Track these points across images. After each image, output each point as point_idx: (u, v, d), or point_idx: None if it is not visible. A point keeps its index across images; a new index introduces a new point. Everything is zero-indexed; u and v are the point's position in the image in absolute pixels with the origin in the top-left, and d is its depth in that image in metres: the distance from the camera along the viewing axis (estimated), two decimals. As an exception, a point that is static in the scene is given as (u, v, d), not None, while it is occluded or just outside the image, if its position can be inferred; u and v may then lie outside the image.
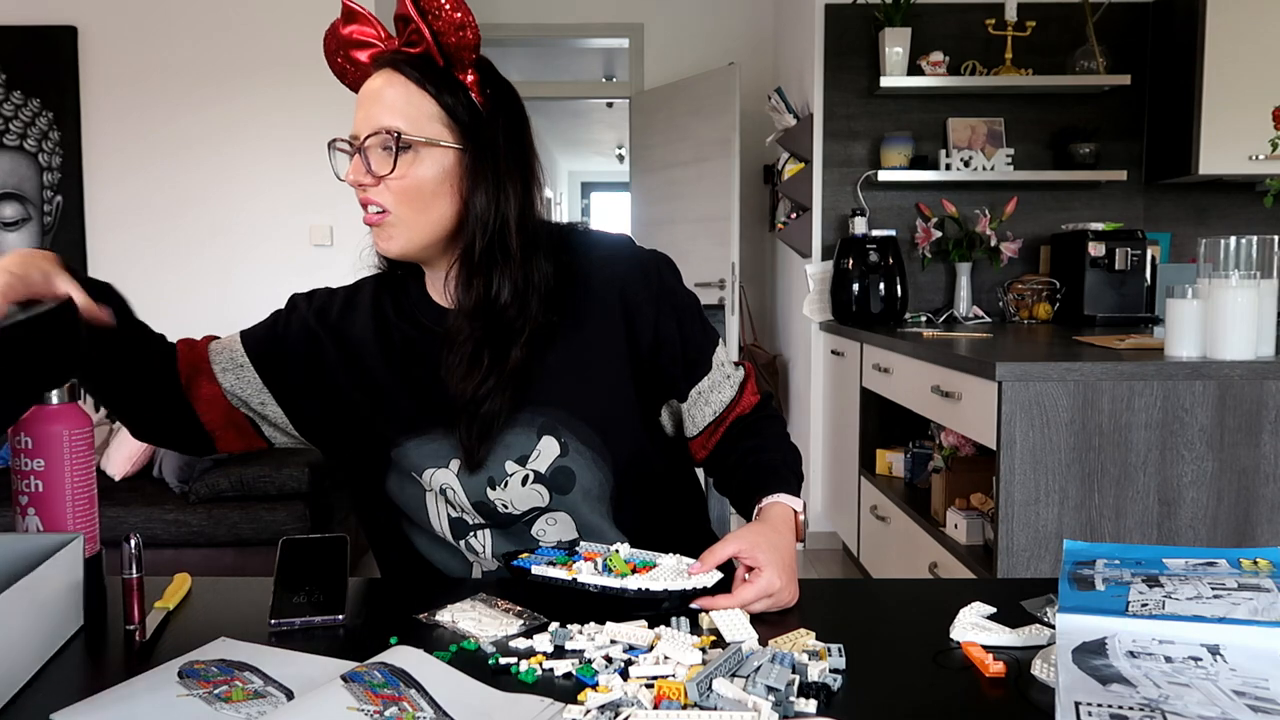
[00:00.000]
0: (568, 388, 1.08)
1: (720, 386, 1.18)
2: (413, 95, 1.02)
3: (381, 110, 1.02)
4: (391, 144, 1.01)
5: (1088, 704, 0.64)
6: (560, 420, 1.07)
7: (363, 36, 1.06)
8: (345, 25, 1.07)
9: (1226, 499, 2.06)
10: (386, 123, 1.01)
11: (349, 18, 1.07)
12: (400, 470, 1.10)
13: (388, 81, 1.02)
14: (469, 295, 1.05)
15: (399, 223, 1.04)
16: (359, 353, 1.12)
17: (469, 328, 1.05)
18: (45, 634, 0.83)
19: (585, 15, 4.83)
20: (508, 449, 1.07)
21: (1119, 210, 3.71)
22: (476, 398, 1.04)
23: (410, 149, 1.02)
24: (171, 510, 3.01)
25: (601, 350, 1.10)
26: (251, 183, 3.78)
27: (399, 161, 1.01)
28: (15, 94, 3.72)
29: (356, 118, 1.04)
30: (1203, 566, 0.83)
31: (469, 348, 1.04)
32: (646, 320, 1.11)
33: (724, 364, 1.19)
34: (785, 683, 0.74)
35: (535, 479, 1.07)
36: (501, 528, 1.10)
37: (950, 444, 2.82)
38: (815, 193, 3.75)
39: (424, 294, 1.13)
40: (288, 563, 1.00)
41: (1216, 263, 2.03)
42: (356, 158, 1.03)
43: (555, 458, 1.07)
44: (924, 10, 3.60)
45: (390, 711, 0.71)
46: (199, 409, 1.13)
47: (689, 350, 1.14)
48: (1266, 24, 3.28)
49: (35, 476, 0.93)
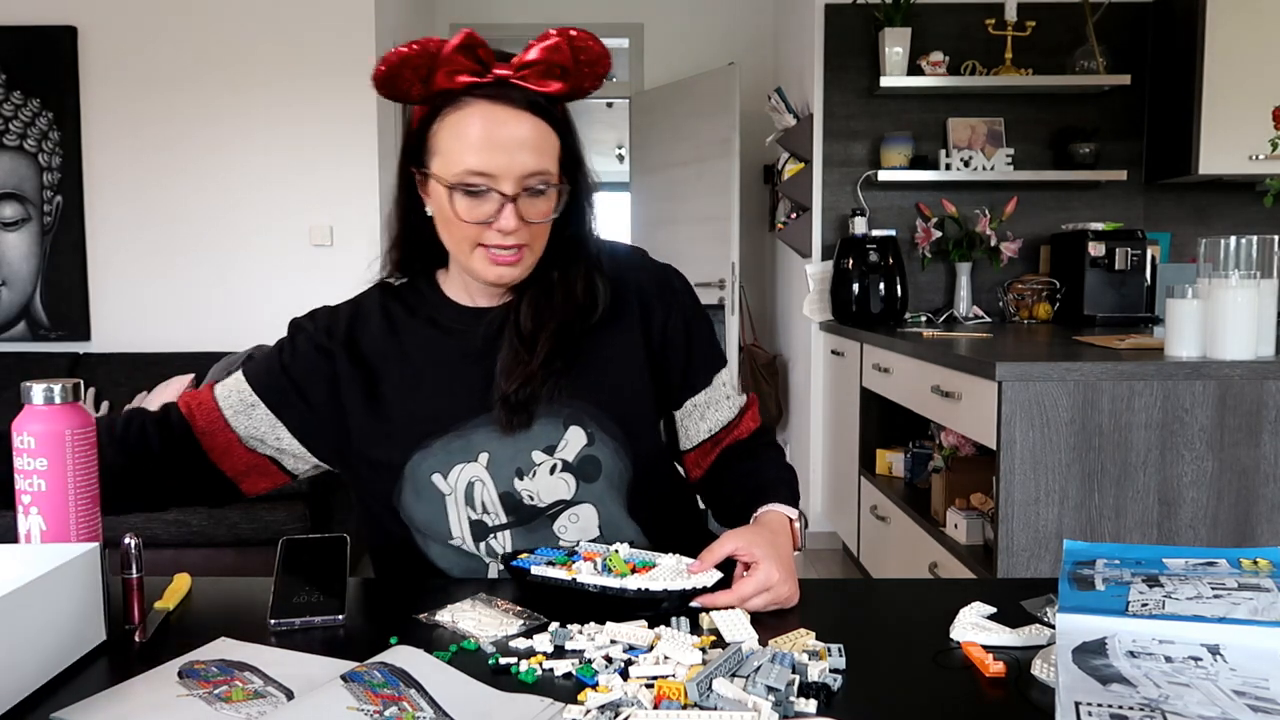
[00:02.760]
0: (592, 382, 1.12)
1: (718, 405, 1.21)
2: (550, 137, 1.06)
3: (530, 156, 1.04)
4: (538, 187, 1.05)
5: (1088, 704, 0.64)
6: (585, 412, 1.11)
7: (468, 64, 1.03)
8: (459, 51, 1.02)
9: (1226, 499, 2.06)
10: (535, 168, 1.04)
11: (468, 46, 1.03)
12: (416, 482, 1.10)
13: (532, 126, 1.04)
14: (548, 294, 1.11)
15: (530, 254, 1.09)
16: (373, 364, 1.14)
17: (535, 323, 1.10)
18: (56, 642, 0.83)
19: (585, 15, 4.83)
20: (535, 439, 1.09)
21: (1119, 210, 3.71)
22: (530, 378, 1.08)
23: (549, 188, 1.06)
24: (171, 510, 3.01)
25: (622, 348, 1.15)
26: (251, 183, 3.78)
27: (540, 201, 1.06)
28: (15, 94, 3.72)
29: (493, 159, 1.02)
30: (1203, 566, 0.83)
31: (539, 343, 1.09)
32: (658, 321, 1.17)
33: (725, 385, 1.22)
34: (785, 683, 0.74)
35: (563, 468, 1.10)
36: (524, 524, 1.11)
37: (950, 444, 2.82)
38: (815, 193, 3.75)
39: (439, 294, 1.17)
40: (288, 563, 1.00)
41: (1216, 263, 2.03)
42: (509, 205, 1.03)
43: (582, 447, 1.10)
44: (924, 10, 3.60)
45: (390, 711, 0.71)
46: (219, 461, 1.15)
47: (692, 359, 1.19)
48: (1266, 24, 3.27)
49: (38, 476, 0.93)
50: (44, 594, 0.79)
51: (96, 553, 0.88)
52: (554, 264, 1.12)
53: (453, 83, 1.02)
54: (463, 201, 1.04)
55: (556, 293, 1.12)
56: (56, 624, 0.82)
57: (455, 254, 1.10)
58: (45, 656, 0.80)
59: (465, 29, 1.03)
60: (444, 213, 1.06)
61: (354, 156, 3.77)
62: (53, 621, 0.81)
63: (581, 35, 1.05)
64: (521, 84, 1.04)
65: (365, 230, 3.79)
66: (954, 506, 2.60)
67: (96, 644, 0.88)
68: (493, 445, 1.09)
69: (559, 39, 1.04)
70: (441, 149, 1.05)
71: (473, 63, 1.02)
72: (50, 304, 3.78)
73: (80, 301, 3.79)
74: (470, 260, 1.08)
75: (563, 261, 1.13)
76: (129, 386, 3.52)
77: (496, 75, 1.03)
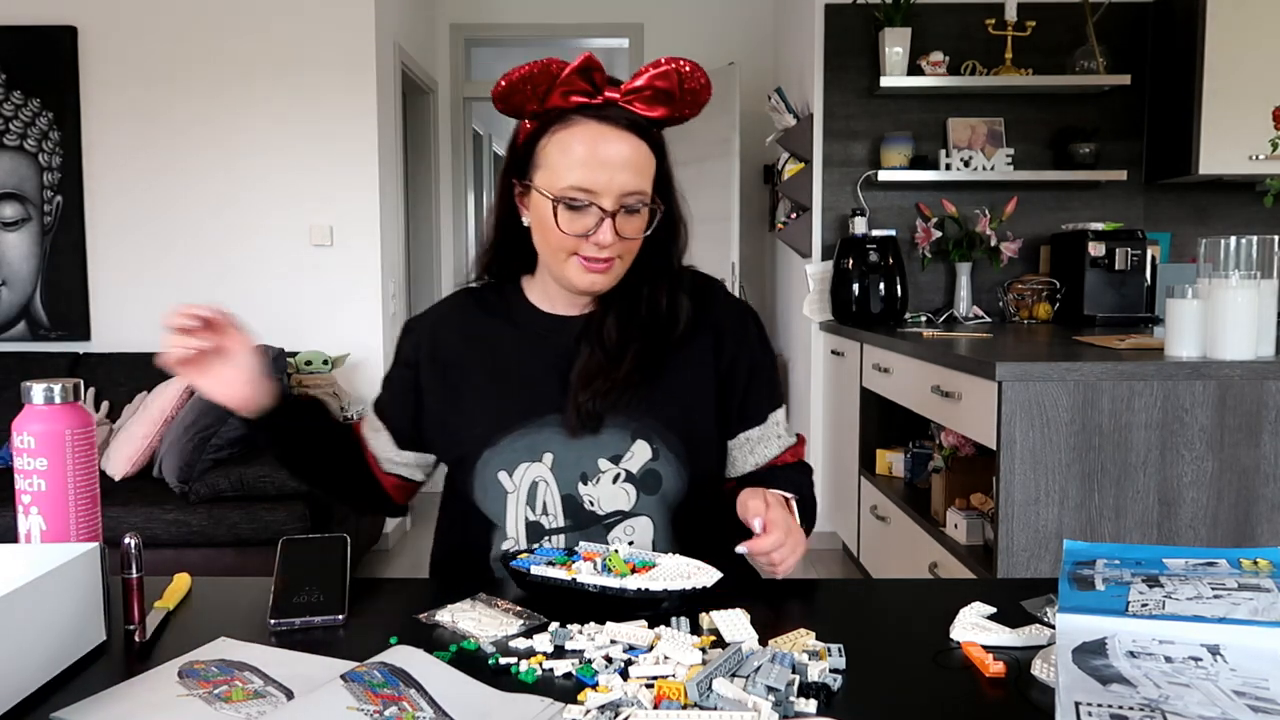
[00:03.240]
0: (663, 400, 1.16)
1: (768, 442, 1.24)
2: (648, 159, 1.12)
3: (630, 176, 1.09)
4: (634, 205, 1.10)
5: (1088, 704, 0.64)
6: (653, 427, 1.15)
7: (582, 85, 1.09)
8: (577, 73, 1.08)
9: (1226, 499, 2.06)
10: (634, 187, 1.10)
11: (586, 69, 1.08)
12: (484, 479, 1.15)
13: (634, 147, 1.10)
14: (634, 308, 1.17)
15: (620, 265, 1.14)
16: (452, 366, 1.21)
17: (621, 335, 1.15)
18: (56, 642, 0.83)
19: (585, 15, 4.83)
20: (602, 446, 1.13)
21: (1119, 210, 3.71)
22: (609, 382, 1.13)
23: (644, 207, 1.12)
24: (171, 510, 3.00)
25: (694, 371, 1.19)
26: (251, 183, 3.78)
27: (635, 219, 1.12)
28: (15, 94, 3.72)
29: (596, 176, 1.08)
30: (1203, 566, 0.83)
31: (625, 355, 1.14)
32: (729, 353, 1.21)
33: (779, 424, 1.26)
34: (785, 683, 0.74)
35: (626, 478, 1.13)
36: (581, 529, 1.13)
37: (950, 444, 2.82)
38: (815, 193, 3.75)
39: (522, 299, 1.23)
40: (288, 563, 1.00)
41: (1216, 263, 2.03)
42: (608, 220, 1.09)
43: (647, 460, 1.14)
44: (924, 10, 3.60)
45: (390, 711, 0.71)
46: (378, 475, 1.27)
47: (754, 395, 1.23)
48: (1266, 24, 3.27)
49: (38, 476, 0.93)
50: (44, 594, 0.79)
51: (96, 553, 0.88)
52: (641, 280, 1.18)
53: (565, 102, 1.09)
54: (565, 215, 1.09)
55: (643, 307, 1.17)
56: (56, 624, 0.82)
57: (549, 262, 1.15)
58: (45, 656, 0.80)
59: (586, 53, 1.10)
60: (544, 223, 1.11)
61: (354, 156, 3.77)
62: (53, 621, 0.81)
63: (689, 66, 1.10)
64: (628, 107, 1.10)
65: (365, 230, 3.79)
66: (954, 506, 2.60)
67: (96, 644, 0.88)
68: (557, 447, 1.13)
69: (669, 67, 1.09)
70: (548, 163, 1.10)
71: (587, 84, 1.08)
72: (50, 304, 3.78)
73: (80, 301, 3.79)
74: (564, 269, 1.13)
75: (650, 278, 1.18)
76: (129, 386, 3.52)
77: (606, 97, 1.09)
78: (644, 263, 1.17)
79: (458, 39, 4.85)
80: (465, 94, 4.96)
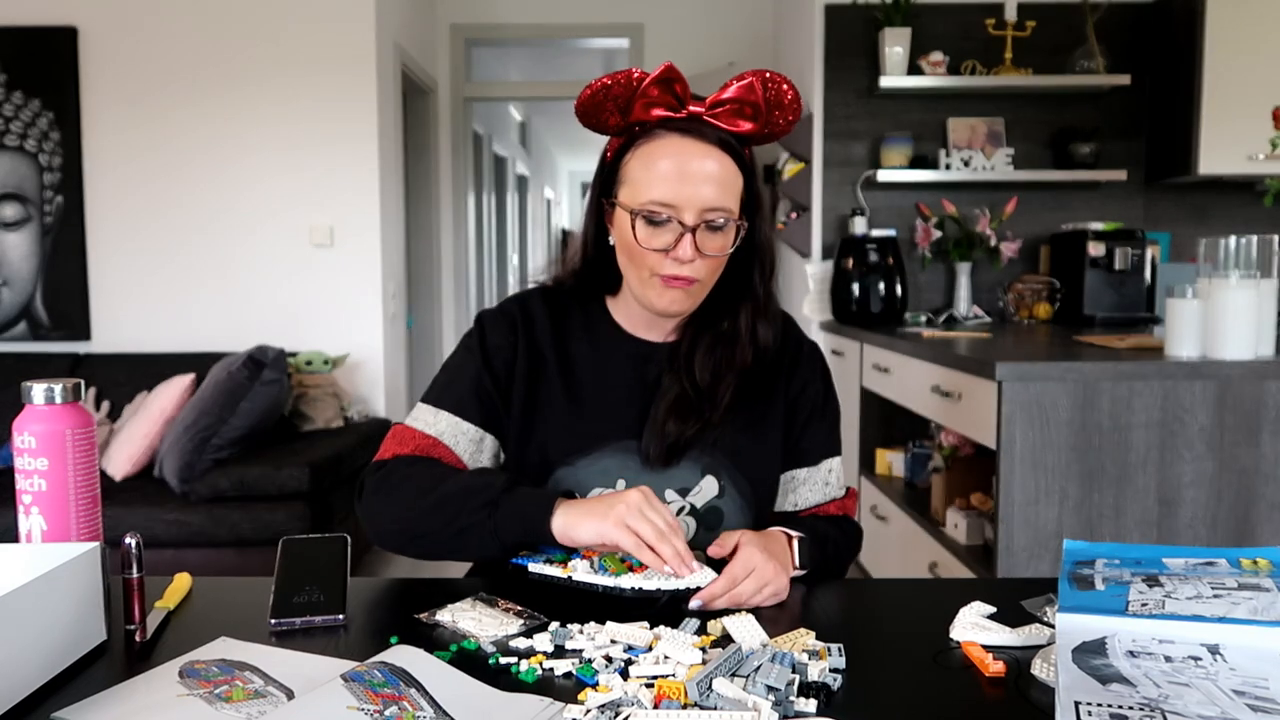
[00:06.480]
0: (735, 438, 1.14)
1: (814, 486, 1.22)
2: (734, 176, 1.09)
3: (713, 191, 1.06)
4: (717, 222, 1.07)
5: (1088, 704, 0.64)
6: (722, 465, 1.14)
7: (664, 98, 1.07)
8: (657, 84, 1.06)
9: (1226, 499, 2.06)
10: (717, 204, 1.07)
11: (666, 80, 1.06)
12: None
13: (719, 163, 1.07)
14: (724, 343, 1.14)
15: (701, 289, 1.11)
16: (536, 369, 1.16)
17: (714, 374, 1.13)
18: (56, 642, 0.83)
19: (585, 15, 4.83)
20: (671, 478, 1.12)
21: (1119, 210, 3.71)
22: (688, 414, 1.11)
23: (728, 224, 1.09)
24: (172, 510, 3.00)
25: (766, 407, 1.18)
26: (252, 183, 3.78)
27: (717, 236, 1.08)
28: (15, 94, 3.72)
29: (678, 191, 1.06)
30: (1202, 566, 0.83)
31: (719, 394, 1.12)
32: (796, 388, 1.20)
33: (831, 472, 1.23)
34: (785, 682, 0.74)
35: (690, 511, 1.13)
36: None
37: (950, 444, 2.82)
38: (815, 193, 3.75)
39: (606, 316, 1.20)
40: (288, 563, 1.00)
41: (1216, 262, 2.03)
42: (688, 235, 1.06)
43: (713, 497, 1.13)
44: (924, 10, 3.60)
45: (390, 711, 0.71)
46: None
47: (812, 436, 1.21)
48: (1266, 24, 3.27)
49: (38, 476, 0.93)
50: (44, 594, 0.79)
51: (97, 552, 0.88)
52: (723, 308, 1.15)
53: (648, 115, 1.07)
54: (644, 229, 1.07)
55: (734, 343, 1.14)
56: (56, 624, 0.82)
57: (632, 282, 1.13)
58: (45, 656, 0.80)
59: (666, 62, 1.07)
60: (626, 239, 1.09)
61: (354, 156, 3.77)
62: (53, 621, 0.81)
63: (775, 77, 1.08)
64: (713, 121, 1.07)
65: (365, 230, 3.79)
66: (954, 506, 2.60)
67: (96, 644, 0.88)
68: (630, 474, 1.12)
69: (753, 79, 1.07)
70: (631, 179, 1.09)
71: (669, 97, 1.06)
72: (50, 304, 3.79)
73: (80, 301, 3.79)
74: (645, 289, 1.10)
75: (733, 306, 1.15)
76: (129, 386, 3.52)
77: (690, 111, 1.07)
78: (729, 289, 1.15)
79: (458, 39, 4.85)
80: (465, 94, 4.96)
